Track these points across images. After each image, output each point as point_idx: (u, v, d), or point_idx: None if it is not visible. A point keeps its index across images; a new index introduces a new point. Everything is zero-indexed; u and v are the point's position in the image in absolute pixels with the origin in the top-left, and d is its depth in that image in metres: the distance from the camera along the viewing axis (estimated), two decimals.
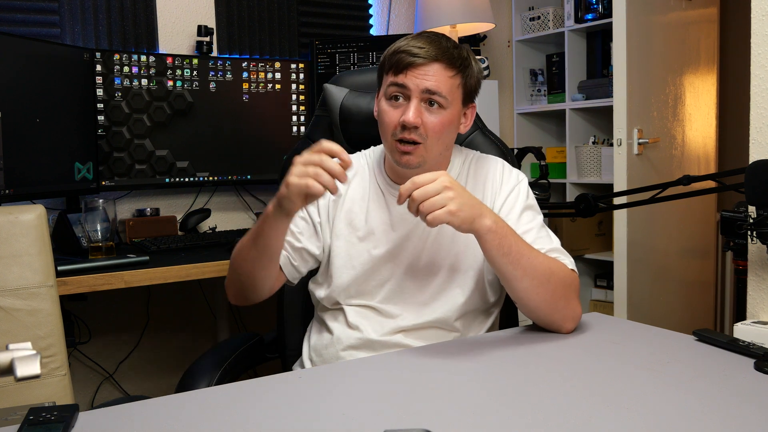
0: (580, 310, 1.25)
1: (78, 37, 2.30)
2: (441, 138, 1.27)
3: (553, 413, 0.87)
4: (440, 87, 1.24)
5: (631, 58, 2.59)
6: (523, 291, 1.19)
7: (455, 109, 1.28)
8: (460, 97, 1.29)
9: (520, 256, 1.16)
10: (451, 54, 1.26)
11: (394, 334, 1.29)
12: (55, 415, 0.88)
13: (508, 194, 1.33)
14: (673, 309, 2.87)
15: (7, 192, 1.85)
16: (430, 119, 1.25)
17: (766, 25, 1.54)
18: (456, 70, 1.26)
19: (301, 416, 0.90)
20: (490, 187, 1.35)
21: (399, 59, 1.25)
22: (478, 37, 3.13)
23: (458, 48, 1.28)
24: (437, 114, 1.25)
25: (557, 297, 1.20)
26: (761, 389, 0.93)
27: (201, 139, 2.38)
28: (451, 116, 1.27)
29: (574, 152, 3.15)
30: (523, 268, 1.16)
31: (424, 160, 1.27)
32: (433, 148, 1.27)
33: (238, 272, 1.30)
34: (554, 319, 1.22)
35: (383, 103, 1.29)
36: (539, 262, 1.19)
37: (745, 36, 1.60)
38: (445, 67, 1.25)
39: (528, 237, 1.26)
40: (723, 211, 1.62)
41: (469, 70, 1.29)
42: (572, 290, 1.23)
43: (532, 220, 1.31)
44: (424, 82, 1.23)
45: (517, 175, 1.37)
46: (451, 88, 1.26)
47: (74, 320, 2.26)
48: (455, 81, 1.26)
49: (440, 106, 1.25)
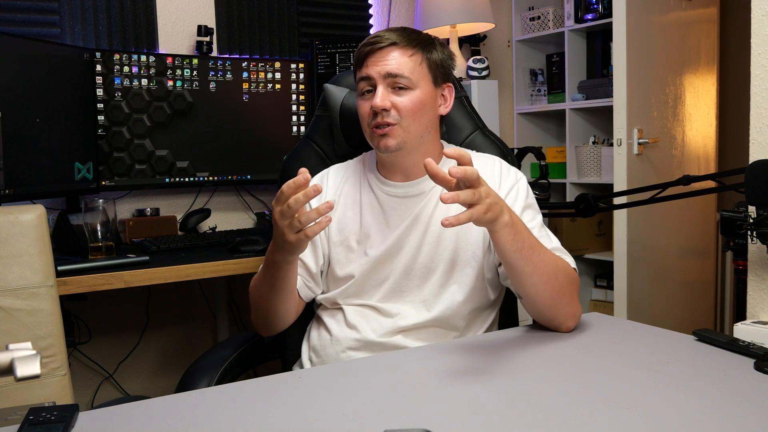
0: (581, 309, 1.26)
1: (78, 37, 2.30)
2: (416, 117, 1.29)
3: (553, 413, 0.87)
4: (401, 68, 1.27)
5: (631, 58, 2.59)
6: (532, 286, 1.19)
7: (425, 88, 1.30)
8: (427, 75, 1.30)
9: (531, 252, 1.15)
10: (409, 36, 1.29)
11: (393, 334, 1.29)
12: (55, 415, 0.88)
13: (506, 193, 1.33)
14: (673, 309, 2.87)
15: (7, 192, 1.85)
16: (400, 100, 1.27)
17: (766, 25, 1.54)
18: (414, 49, 1.29)
19: (301, 416, 0.90)
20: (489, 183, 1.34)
21: (359, 53, 1.30)
22: (478, 37, 3.13)
23: (417, 32, 1.32)
24: (406, 95, 1.28)
25: (563, 294, 1.20)
26: (761, 389, 0.93)
27: (201, 139, 2.38)
28: (422, 95, 1.29)
29: (574, 152, 3.15)
30: (534, 264, 1.16)
31: (403, 141, 1.29)
32: (410, 127, 1.28)
33: (260, 310, 1.32)
34: (557, 316, 1.22)
35: (358, 101, 1.33)
36: (548, 258, 1.19)
37: (745, 36, 1.60)
38: (403, 48, 1.28)
39: None
40: (723, 211, 1.62)
41: (429, 47, 1.31)
42: (574, 289, 1.24)
43: (533, 219, 1.31)
44: (385, 66, 1.27)
45: (515, 173, 1.37)
46: (413, 67, 1.28)
47: (74, 320, 2.26)
48: (416, 59, 1.28)
49: (407, 87, 1.27)
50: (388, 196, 1.35)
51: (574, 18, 3.09)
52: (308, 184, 1.05)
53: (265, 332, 1.37)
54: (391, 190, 1.35)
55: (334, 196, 1.38)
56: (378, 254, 1.32)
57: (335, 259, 1.35)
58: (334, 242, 1.36)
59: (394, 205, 1.34)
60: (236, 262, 1.93)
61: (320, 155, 1.60)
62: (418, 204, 1.34)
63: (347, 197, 1.38)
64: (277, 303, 1.29)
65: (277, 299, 1.28)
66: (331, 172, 1.44)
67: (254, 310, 1.34)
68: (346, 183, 1.40)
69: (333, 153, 1.60)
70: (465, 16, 2.72)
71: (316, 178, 1.43)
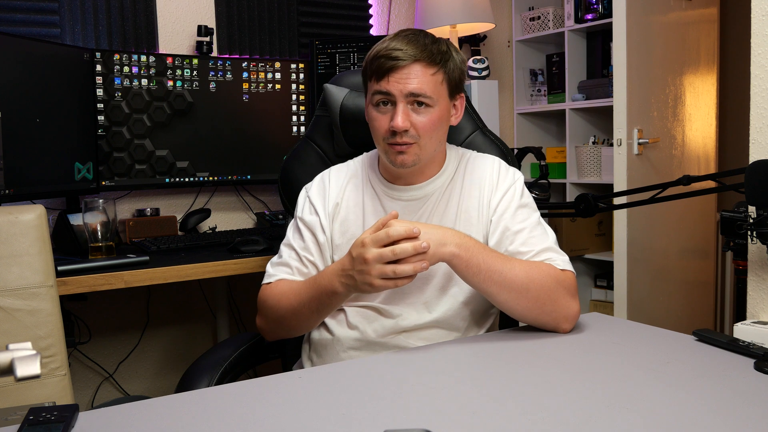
0: (577, 307, 1.24)
1: (78, 37, 2.30)
2: (433, 135, 1.28)
3: (553, 413, 0.87)
4: (424, 88, 1.24)
5: (631, 58, 2.59)
6: (503, 304, 1.22)
7: (443, 104, 1.28)
8: (446, 92, 1.29)
9: (491, 273, 1.17)
10: (430, 51, 1.25)
11: (395, 334, 1.29)
12: (55, 415, 0.88)
13: (503, 194, 1.33)
14: (673, 309, 2.87)
15: (7, 192, 1.85)
16: (419, 119, 1.25)
17: (766, 25, 1.54)
18: (437, 67, 1.26)
19: (301, 416, 0.90)
20: (487, 186, 1.35)
21: (379, 65, 1.25)
22: (478, 37, 3.13)
23: (437, 42, 1.27)
24: (425, 113, 1.25)
25: (541, 303, 1.20)
26: (761, 389, 0.93)
27: (201, 139, 2.38)
28: (440, 113, 1.27)
29: (574, 152, 3.15)
30: (497, 284, 1.18)
31: (419, 158, 1.28)
32: (427, 145, 1.28)
33: (285, 325, 1.33)
34: (545, 322, 1.23)
35: (371, 110, 1.30)
36: (515, 274, 1.19)
37: (745, 36, 1.60)
38: (425, 65, 1.24)
39: (521, 236, 1.27)
40: (723, 211, 1.62)
41: (450, 63, 1.28)
42: (562, 290, 1.22)
43: (526, 219, 1.31)
44: (407, 85, 1.23)
45: (513, 174, 1.37)
46: (435, 85, 1.26)
47: (74, 320, 2.26)
48: (438, 77, 1.26)
49: (427, 105, 1.25)
50: (391, 199, 1.35)
51: (574, 18, 3.09)
52: (419, 236, 1.11)
53: (274, 338, 1.38)
54: (395, 194, 1.35)
55: (336, 199, 1.38)
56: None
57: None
58: (337, 245, 1.35)
59: (397, 209, 1.34)
60: (236, 262, 1.93)
61: (320, 155, 1.60)
62: (420, 208, 1.34)
63: (349, 200, 1.38)
64: (312, 324, 1.31)
65: (316, 322, 1.31)
66: (333, 174, 1.42)
67: (275, 322, 1.33)
68: (349, 185, 1.39)
69: (333, 153, 1.60)
70: (465, 16, 2.72)
71: (316, 180, 1.43)
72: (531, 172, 3.36)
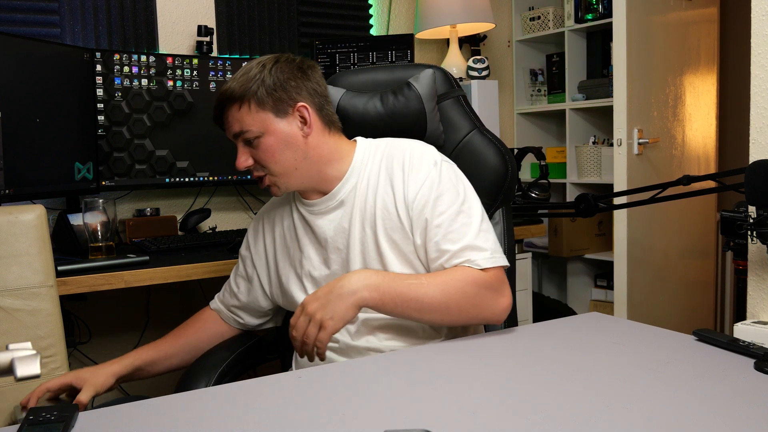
0: (505, 302, 1.23)
1: (78, 37, 2.30)
2: (278, 160, 1.27)
3: (553, 413, 0.87)
4: (240, 125, 1.27)
5: (631, 58, 2.59)
6: (429, 323, 1.26)
7: (273, 128, 1.26)
8: (266, 114, 1.25)
9: (408, 303, 1.18)
10: (230, 89, 1.26)
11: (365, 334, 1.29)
12: (55, 415, 0.88)
13: (420, 185, 1.25)
14: (673, 309, 2.87)
15: (7, 192, 1.85)
16: (257, 153, 1.28)
17: (766, 25, 1.54)
18: (239, 101, 1.26)
19: (301, 416, 0.90)
20: (400, 178, 1.28)
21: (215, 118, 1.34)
22: (478, 37, 3.13)
23: (243, 73, 1.27)
24: (259, 145, 1.27)
25: (465, 311, 1.21)
26: (761, 389, 0.93)
27: (201, 139, 2.38)
28: (274, 138, 1.26)
29: (574, 152, 3.15)
30: (417, 311, 1.19)
31: (283, 183, 1.30)
32: (278, 170, 1.28)
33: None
34: (477, 323, 1.28)
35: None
36: (431, 297, 1.19)
37: (745, 36, 1.60)
38: (230, 105, 1.27)
39: (439, 232, 1.23)
40: (723, 211, 1.62)
41: (252, 85, 1.24)
42: (484, 292, 1.21)
43: (445, 212, 1.24)
44: (229, 129, 1.30)
45: (427, 163, 1.27)
46: (249, 117, 1.26)
47: (74, 320, 2.26)
48: (245, 109, 1.25)
49: (256, 137, 1.26)
50: (313, 215, 1.34)
51: (574, 18, 3.09)
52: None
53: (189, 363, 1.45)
54: (314, 209, 1.34)
55: (270, 234, 1.43)
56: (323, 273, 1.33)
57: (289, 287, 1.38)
58: (283, 273, 1.39)
59: (323, 224, 1.33)
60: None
61: None
62: (342, 215, 1.32)
63: (281, 222, 1.41)
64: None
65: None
66: (263, 212, 1.47)
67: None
68: (276, 215, 1.43)
69: None
70: (465, 16, 2.72)
71: (250, 229, 1.49)
72: (531, 172, 3.36)
